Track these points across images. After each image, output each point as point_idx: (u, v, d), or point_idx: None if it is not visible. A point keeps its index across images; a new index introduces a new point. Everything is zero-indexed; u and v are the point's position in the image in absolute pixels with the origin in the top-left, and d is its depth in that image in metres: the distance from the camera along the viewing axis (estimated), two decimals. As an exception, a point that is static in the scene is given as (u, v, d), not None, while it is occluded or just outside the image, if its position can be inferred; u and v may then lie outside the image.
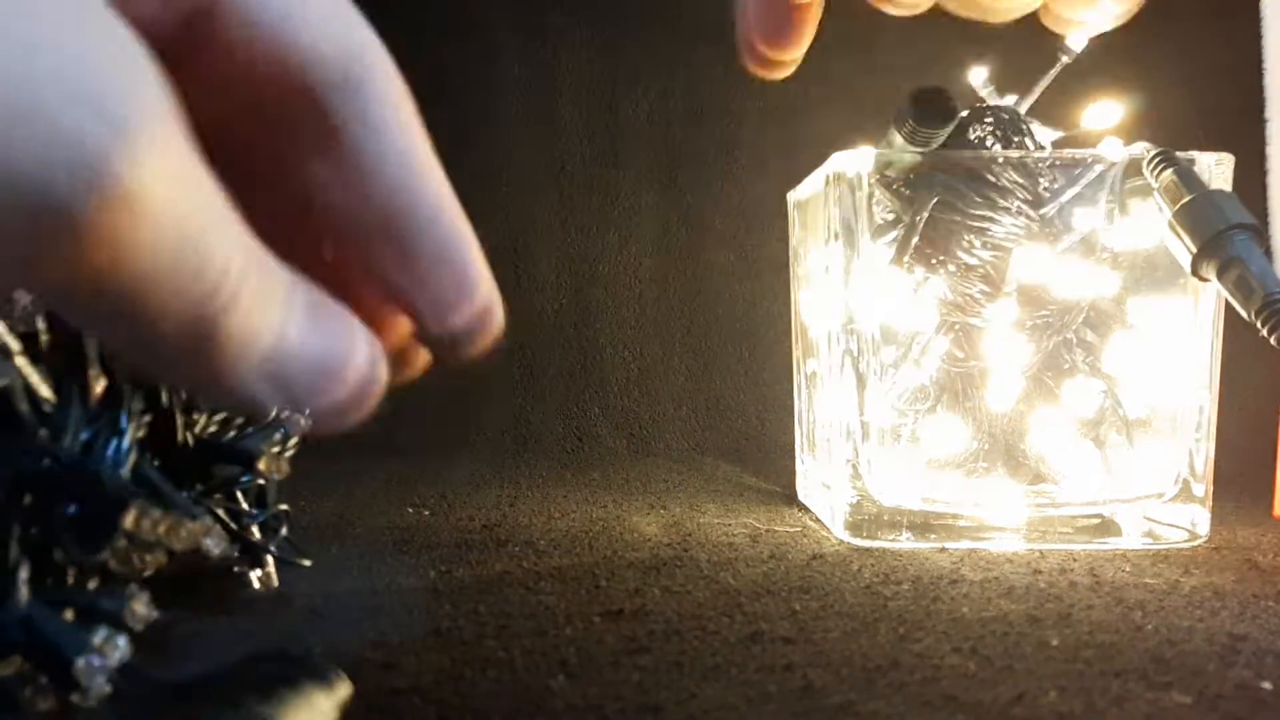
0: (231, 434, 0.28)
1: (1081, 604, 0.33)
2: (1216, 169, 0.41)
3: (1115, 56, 0.45)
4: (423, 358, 0.25)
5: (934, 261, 0.42)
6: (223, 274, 0.17)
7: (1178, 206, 0.39)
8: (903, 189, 0.42)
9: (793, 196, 0.51)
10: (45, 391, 0.21)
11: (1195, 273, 0.39)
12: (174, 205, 0.16)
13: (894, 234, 0.42)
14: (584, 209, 0.69)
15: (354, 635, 0.30)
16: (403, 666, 0.27)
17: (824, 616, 0.32)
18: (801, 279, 0.50)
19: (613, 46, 0.69)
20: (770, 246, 0.66)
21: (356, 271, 0.22)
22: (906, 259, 0.42)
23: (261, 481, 0.30)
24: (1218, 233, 0.38)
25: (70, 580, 0.20)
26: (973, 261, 0.42)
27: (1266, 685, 0.26)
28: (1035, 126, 0.43)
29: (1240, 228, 0.38)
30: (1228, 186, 0.41)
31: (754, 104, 0.68)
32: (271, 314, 0.19)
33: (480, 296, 0.23)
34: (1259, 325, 0.37)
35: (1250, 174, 0.44)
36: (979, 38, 0.41)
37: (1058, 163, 0.42)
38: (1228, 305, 0.40)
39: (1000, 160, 0.42)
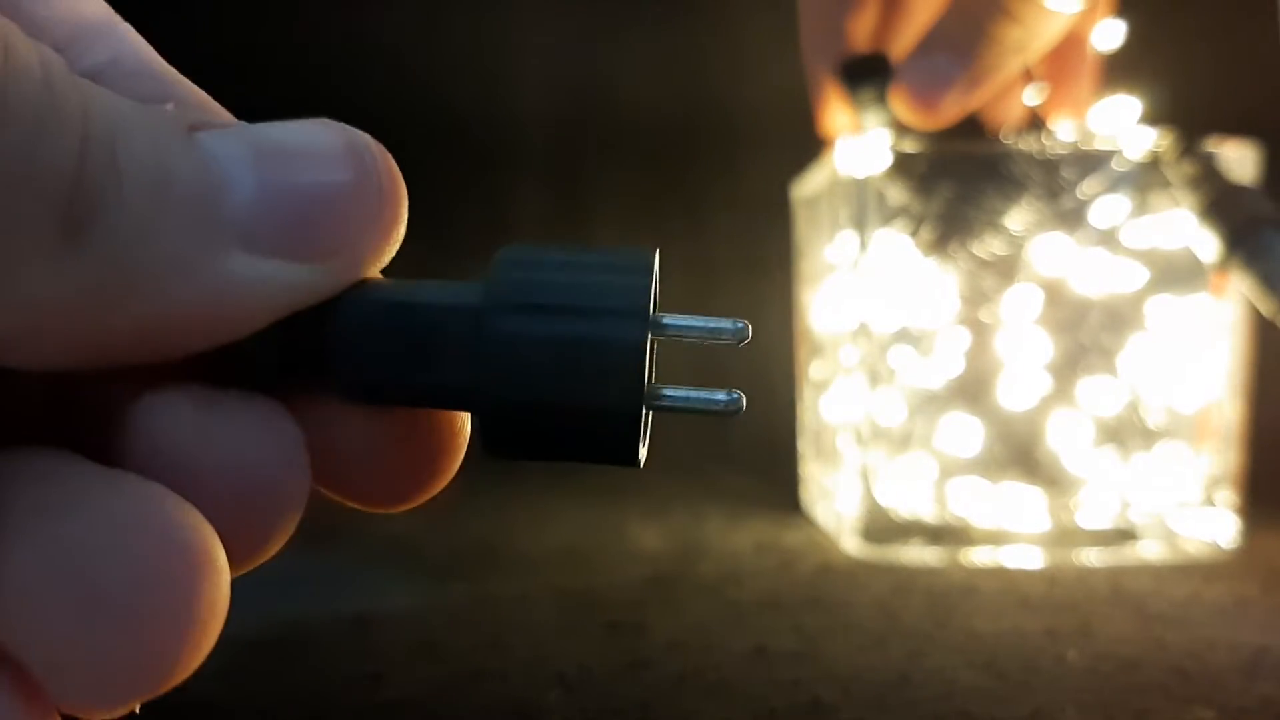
0: None
1: (1100, 616, 0.33)
2: (1240, 160, 0.41)
3: (1139, 46, 0.44)
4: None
5: (948, 254, 0.41)
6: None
7: (1200, 200, 0.39)
8: (915, 181, 0.41)
9: (798, 190, 0.50)
10: None
11: (1218, 269, 0.39)
12: None
13: (906, 227, 0.41)
14: (582, 205, 0.69)
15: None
16: (392, 678, 0.27)
17: (832, 630, 0.31)
18: (807, 276, 0.50)
19: (611, 35, 0.69)
20: (775, 242, 0.65)
21: None
22: (920, 252, 0.41)
23: None
24: (1241, 227, 0.38)
25: None
26: (987, 255, 0.41)
27: (1294, 700, 0.26)
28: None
29: (1265, 221, 0.38)
30: (1252, 178, 0.41)
31: (757, 94, 0.68)
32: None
33: None
34: (1284, 323, 0.36)
35: (1278, 165, 0.43)
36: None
37: (1076, 155, 0.41)
38: (1254, 306, 0.39)
39: (1017, 152, 0.41)
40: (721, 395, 0.15)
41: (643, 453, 0.15)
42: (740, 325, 0.15)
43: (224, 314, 0.12)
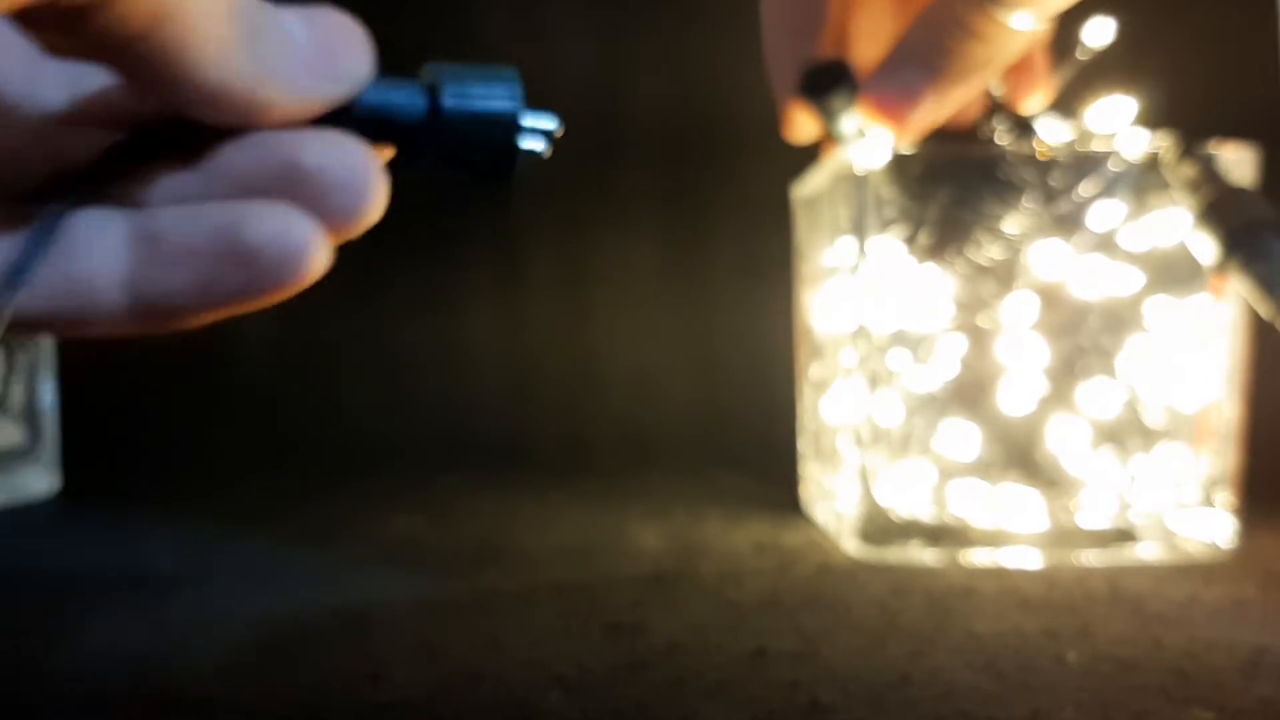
0: None
1: (1099, 617, 0.33)
2: (1239, 162, 0.41)
3: (1137, 47, 0.44)
4: None
5: (945, 259, 0.41)
6: None
7: (1198, 202, 0.39)
8: (913, 185, 0.41)
9: (797, 192, 0.50)
10: None
11: (1216, 271, 0.39)
12: None
13: (904, 231, 0.41)
14: (583, 205, 0.68)
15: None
16: (390, 679, 0.27)
17: (832, 631, 0.31)
18: (807, 278, 0.50)
19: (612, 37, 0.69)
20: (776, 244, 0.65)
21: None
22: (917, 256, 0.41)
23: None
24: (1239, 230, 0.38)
25: None
26: (984, 260, 0.41)
27: (1292, 701, 0.26)
28: (1050, 121, 0.43)
29: (1263, 224, 0.37)
30: (1251, 179, 0.41)
31: (758, 96, 0.68)
32: None
33: None
34: (1281, 325, 0.36)
35: (1276, 167, 0.43)
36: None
37: (1072, 158, 0.41)
38: (1251, 307, 0.39)
39: (1012, 156, 0.41)
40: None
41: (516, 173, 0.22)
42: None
43: (300, 102, 0.20)
